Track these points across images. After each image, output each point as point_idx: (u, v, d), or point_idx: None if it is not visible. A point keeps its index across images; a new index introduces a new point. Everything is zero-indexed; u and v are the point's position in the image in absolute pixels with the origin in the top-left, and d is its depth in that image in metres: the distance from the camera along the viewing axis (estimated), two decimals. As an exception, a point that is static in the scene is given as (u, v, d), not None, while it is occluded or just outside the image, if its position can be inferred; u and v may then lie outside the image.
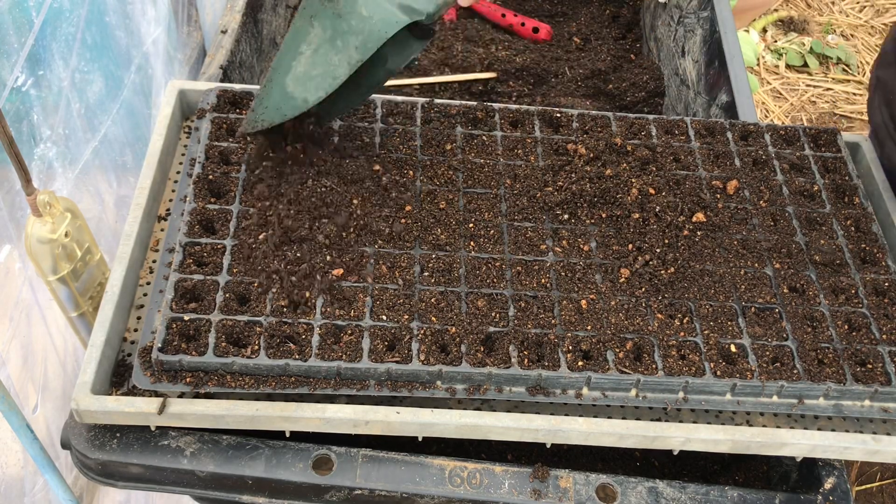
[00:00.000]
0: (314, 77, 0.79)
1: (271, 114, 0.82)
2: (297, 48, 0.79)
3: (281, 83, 0.80)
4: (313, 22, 0.78)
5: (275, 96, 0.80)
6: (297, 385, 0.80)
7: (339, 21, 0.77)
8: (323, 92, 0.80)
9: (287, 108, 0.81)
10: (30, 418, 0.90)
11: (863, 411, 0.86)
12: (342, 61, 0.78)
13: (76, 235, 0.89)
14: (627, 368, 0.83)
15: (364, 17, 0.76)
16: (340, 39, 0.77)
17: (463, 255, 0.90)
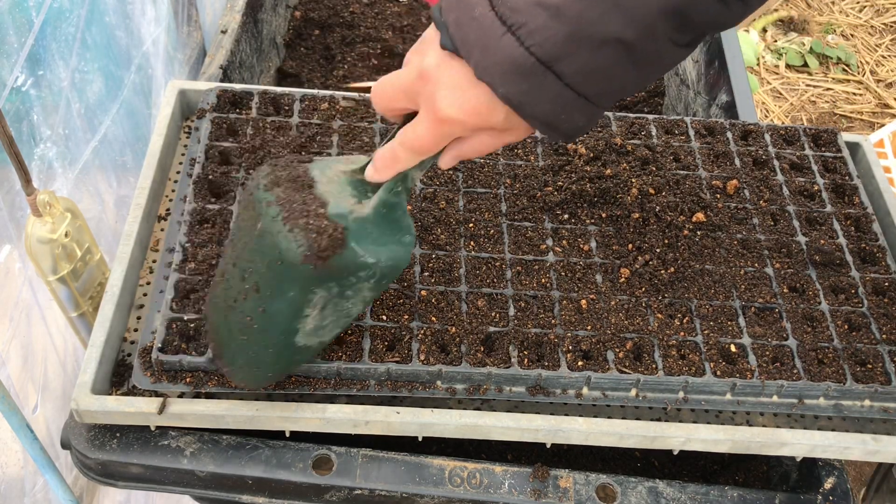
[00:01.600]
0: (326, 325, 0.73)
1: (286, 367, 0.78)
2: (299, 314, 0.70)
3: (289, 345, 0.72)
4: (314, 290, 0.68)
5: (285, 356, 0.74)
6: (297, 385, 0.80)
7: (346, 279, 0.69)
8: (339, 330, 0.75)
9: (304, 357, 0.77)
10: (30, 418, 0.90)
11: (863, 411, 0.86)
12: (356, 304, 0.72)
13: (76, 235, 0.89)
14: (627, 368, 0.83)
15: (371, 264, 0.68)
16: (351, 290, 0.70)
17: (463, 255, 0.90)
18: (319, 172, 0.70)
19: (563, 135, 0.65)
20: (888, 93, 2.82)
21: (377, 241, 0.69)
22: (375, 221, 0.69)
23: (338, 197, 0.69)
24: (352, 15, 1.56)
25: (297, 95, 1.03)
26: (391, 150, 0.69)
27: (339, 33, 1.54)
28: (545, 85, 0.60)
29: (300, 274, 0.66)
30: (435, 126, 0.65)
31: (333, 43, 1.54)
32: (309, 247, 0.65)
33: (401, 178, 0.70)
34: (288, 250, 0.65)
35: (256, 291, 0.69)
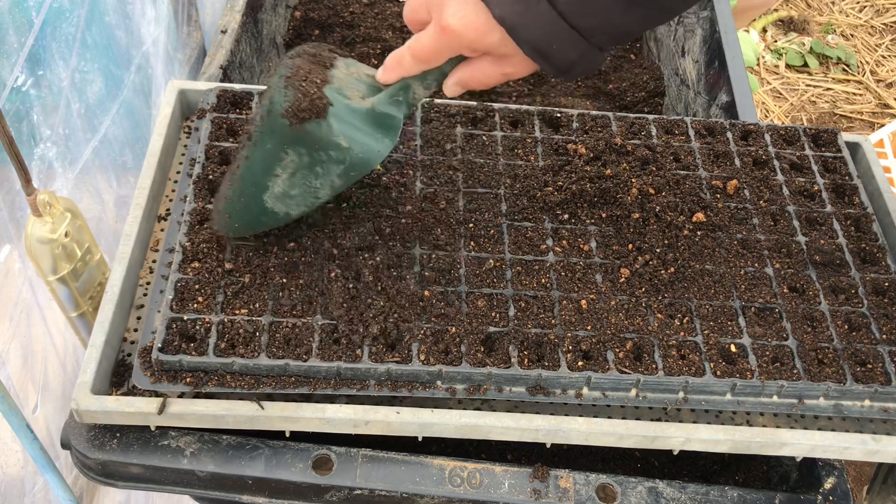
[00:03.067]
0: (294, 196, 0.79)
1: (251, 224, 0.83)
2: (270, 170, 0.77)
3: (258, 198, 0.79)
4: (287, 150, 0.76)
5: (253, 209, 0.80)
6: (298, 385, 0.80)
7: (316, 151, 0.75)
8: (305, 208, 0.81)
9: (269, 220, 0.82)
10: (30, 418, 0.90)
11: (863, 411, 0.86)
12: (324, 185, 0.78)
13: (76, 235, 0.89)
14: (627, 368, 0.83)
15: (343, 148, 0.75)
16: (320, 167, 0.77)
17: (463, 255, 0.90)
18: (344, 64, 0.79)
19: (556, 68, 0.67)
20: (888, 93, 2.82)
21: (358, 131, 0.75)
22: (365, 116, 0.76)
23: (345, 84, 0.76)
24: (352, 15, 1.56)
25: (297, 95, 1.03)
26: (399, 54, 0.74)
27: (339, 33, 1.54)
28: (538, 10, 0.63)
29: (278, 127, 0.74)
30: (437, 35, 0.69)
31: (333, 43, 1.54)
32: (292, 103, 0.73)
33: (403, 87, 0.76)
34: (275, 102, 0.74)
35: (248, 139, 0.78)
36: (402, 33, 1.54)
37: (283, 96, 0.73)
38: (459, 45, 0.69)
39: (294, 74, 0.75)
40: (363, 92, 0.78)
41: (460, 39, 0.68)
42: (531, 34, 0.65)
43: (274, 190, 0.78)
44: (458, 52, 0.71)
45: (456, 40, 0.69)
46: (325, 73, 0.76)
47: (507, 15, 0.64)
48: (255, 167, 0.77)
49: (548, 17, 0.63)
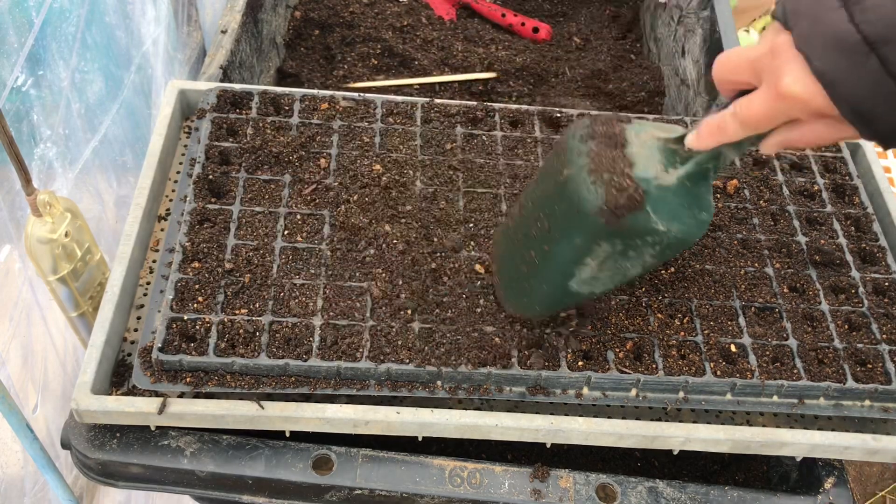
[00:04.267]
0: (601, 279, 0.76)
1: (553, 306, 0.83)
2: (579, 261, 0.74)
3: (563, 286, 0.77)
4: (600, 242, 0.72)
5: (557, 295, 0.79)
6: (298, 385, 0.80)
7: (632, 239, 0.72)
8: (612, 285, 0.78)
9: (571, 301, 0.82)
10: (30, 418, 0.90)
11: (863, 411, 0.86)
12: (636, 265, 0.75)
13: (76, 235, 0.89)
14: (627, 368, 0.83)
15: (661, 232, 0.70)
16: (633, 251, 0.73)
17: (463, 255, 0.90)
18: (634, 134, 0.73)
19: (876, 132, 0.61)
20: (888, 93, 2.81)
21: (673, 211, 0.70)
22: (676, 192, 0.70)
23: (646, 161, 0.71)
24: (352, 15, 1.56)
25: (297, 95, 1.03)
26: (721, 119, 0.68)
27: (339, 33, 1.54)
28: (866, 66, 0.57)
29: (591, 225, 0.70)
30: (773, 101, 0.63)
31: (333, 43, 1.53)
32: (607, 202, 0.68)
33: (715, 155, 0.70)
34: (586, 200, 0.69)
35: (547, 231, 0.75)
36: (402, 33, 1.54)
37: (591, 193, 0.69)
38: (798, 111, 0.63)
39: (597, 166, 0.69)
40: (661, 160, 0.71)
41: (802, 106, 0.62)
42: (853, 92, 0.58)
43: (581, 276, 0.75)
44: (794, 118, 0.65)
45: (795, 106, 0.62)
46: (625, 156, 0.70)
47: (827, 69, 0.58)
48: (561, 259, 0.75)
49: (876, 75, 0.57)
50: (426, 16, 1.60)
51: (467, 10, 1.70)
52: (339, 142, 0.99)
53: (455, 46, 1.54)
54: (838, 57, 0.58)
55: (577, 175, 0.70)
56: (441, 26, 1.59)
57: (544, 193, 0.76)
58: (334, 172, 0.95)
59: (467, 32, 1.60)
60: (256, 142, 0.96)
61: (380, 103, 1.04)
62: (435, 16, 1.61)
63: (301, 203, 0.92)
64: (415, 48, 1.52)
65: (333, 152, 0.97)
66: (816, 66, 0.59)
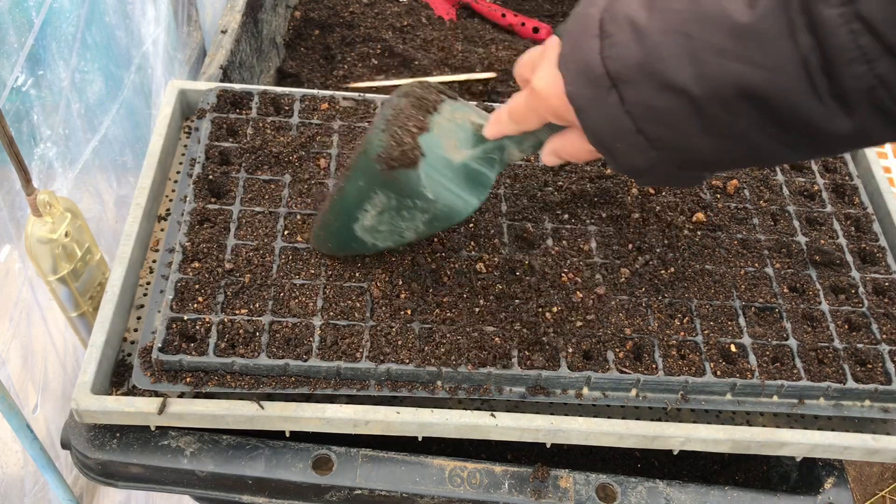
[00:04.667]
0: (382, 231, 0.81)
1: (342, 247, 0.86)
2: (360, 205, 0.79)
3: (349, 227, 0.82)
4: (376, 190, 0.77)
5: (344, 235, 0.83)
6: (298, 385, 0.80)
7: (403, 198, 0.76)
8: (391, 243, 0.83)
9: (358, 247, 0.85)
10: (30, 418, 0.90)
11: (863, 411, 0.86)
12: (409, 228, 0.79)
13: (76, 235, 0.89)
14: (627, 368, 0.83)
15: (429, 200, 0.75)
16: (406, 211, 0.77)
17: (463, 255, 0.90)
18: (450, 109, 0.78)
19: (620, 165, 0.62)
20: (888, 93, 2.82)
21: (446, 185, 0.75)
22: (456, 170, 0.75)
23: (445, 133, 0.76)
24: (352, 15, 1.56)
25: (297, 95, 1.03)
26: (500, 110, 0.73)
27: (339, 33, 1.54)
28: (607, 101, 0.58)
29: (370, 169, 0.75)
30: (528, 96, 0.67)
31: (333, 43, 1.53)
32: (385, 150, 0.73)
33: (499, 146, 0.76)
34: (370, 144, 0.75)
35: (346, 170, 0.80)
36: (402, 33, 1.54)
37: (379, 140, 0.74)
38: (546, 109, 0.66)
39: (395, 118, 0.74)
40: (462, 141, 0.76)
41: (545, 104, 0.65)
42: (597, 124, 0.60)
43: (363, 223, 0.80)
44: (547, 119, 0.67)
45: (542, 104, 0.65)
46: (425, 120, 0.75)
47: (576, 95, 0.60)
48: (348, 199, 0.80)
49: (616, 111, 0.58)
50: (426, 16, 1.60)
51: (467, 10, 1.70)
52: (340, 142, 0.99)
53: (455, 46, 1.54)
54: (586, 86, 0.59)
55: (376, 122, 0.76)
56: (441, 26, 1.59)
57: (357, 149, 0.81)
58: (335, 172, 0.95)
59: (467, 32, 1.60)
60: (256, 142, 0.96)
61: (380, 103, 1.04)
62: (435, 16, 1.61)
63: (304, 204, 0.92)
64: (415, 48, 1.52)
65: (333, 152, 0.97)
66: (568, 90, 0.61)
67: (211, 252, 0.86)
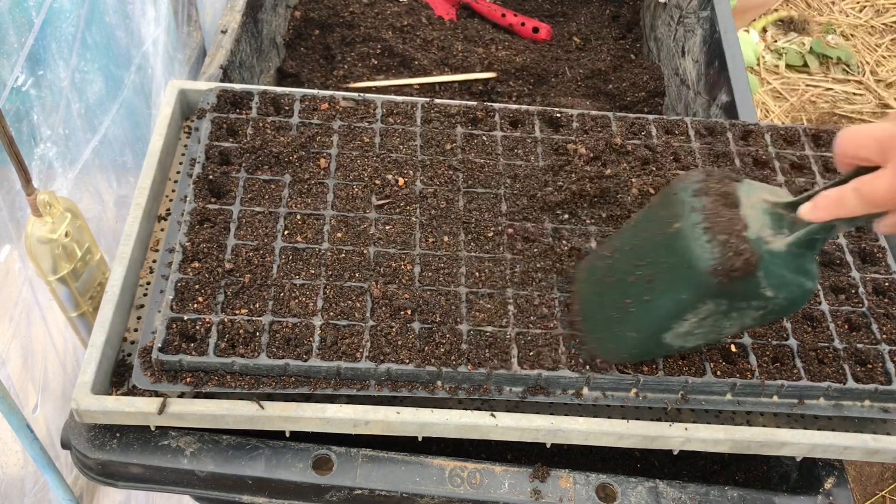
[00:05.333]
0: (696, 334, 0.76)
1: (641, 356, 0.82)
2: (680, 316, 0.74)
3: (656, 337, 0.77)
4: (706, 300, 0.71)
5: (648, 345, 0.79)
6: (298, 385, 0.80)
7: (738, 301, 0.71)
8: (704, 342, 0.79)
9: (659, 352, 0.82)
10: (30, 418, 0.90)
11: (863, 411, 0.86)
12: (734, 326, 0.75)
13: (76, 235, 0.89)
14: (627, 368, 0.83)
15: (769, 298, 0.71)
16: (737, 312, 0.73)
17: (463, 255, 0.90)
18: (744, 195, 0.73)
19: None
20: (888, 93, 2.82)
21: (781, 277, 0.70)
22: (785, 259, 0.70)
23: (757, 223, 0.71)
24: (352, 15, 1.56)
25: (297, 95, 1.03)
26: (840, 194, 0.67)
27: (339, 33, 1.54)
28: None
29: (700, 282, 0.70)
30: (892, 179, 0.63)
31: (333, 43, 1.53)
32: (721, 262, 0.68)
33: (828, 227, 0.69)
34: (699, 258, 0.69)
35: (648, 282, 0.74)
36: (402, 33, 1.54)
37: (705, 251, 0.69)
38: None
39: (712, 225, 0.70)
40: (769, 224, 0.71)
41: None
42: None
43: (678, 331, 0.75)
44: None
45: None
46: (740, 217, 0.70)
47: None
48: (662, 312, 0.75)
49: None
50: (426, 16, 1.60)
51: (467, 10, 1.70)
52: (339, 142, 0.99)
53: (455, 46, 1.54)
54: None
55: (690, 231, 0.70)
56: (441, 26, 1.59)
57: (648, 241, 0.75)
58: (335, 173, 0.95)
59: (467, 32, 1.60)
60: (256, 142, 0.96)
61: (380, 103, 1.04)
62: (435, 16, 1.61)
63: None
64: (415, 48, 1.52)
65: (333, 152, 0.97)
66: None
67: (211, 252, 0.86)
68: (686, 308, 0.73)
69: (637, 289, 0.76)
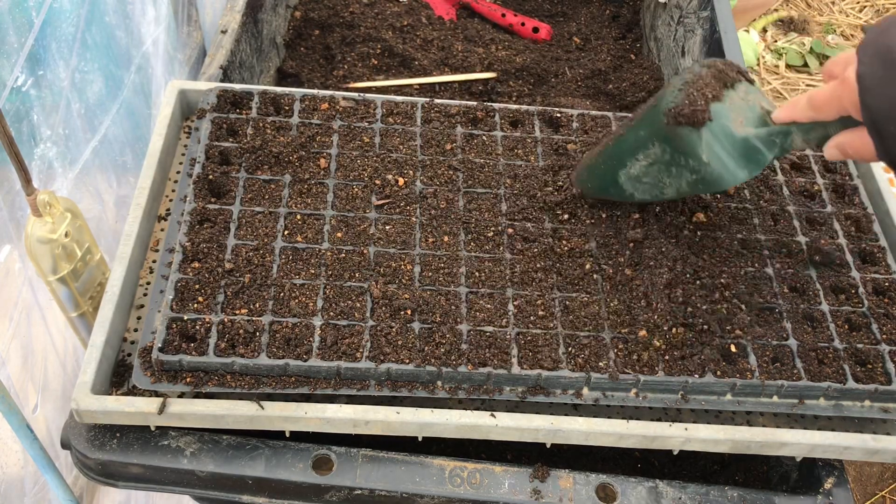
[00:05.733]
0: (644, 183, 0.86)
1: (600, 190, 0.93)
2: (634, 153, 0.85)
3: (614, 172, 0.88)
4: (654, 142, 0.82)
5: (607, 178, 0.90)
6: (298, 385, 0.80)
7: (678, 154, 0.81)
8: (649, 197, 0.87)
9: (615, 193, 0.91)
10: (30, 418, 0.90)
11: (863, 411, 0.86)
12: (671, 185, 0.84)
13: (76, 235, 0.89)
14: (627, 368, 0.83)
15: (702, 161, 0.80)
16: (675, 168, 0.82)
17: (463, 255, 0.90)
18: (744, 90, 0.83)
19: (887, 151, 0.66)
20: (888, 93, 2.82)
21: (721, 154, 0.79)
22: (735, 142, 0.80)
23: (735, 108, 0.81)
24: (352, 15, 1.56)
25: (297, 95, 1.03)
26: (797, 97, 0.76)
27: (339, 33, 1.54)
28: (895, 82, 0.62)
29: (656, 122, 0.81)
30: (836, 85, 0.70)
31: (333, 43, 1.53)
32: (676, 106, 0.79)
33: (784, 131, 0.79)
34: (663, 99, 0.81)
35: (631, 120, 0.87)
36: (402, 33, 1.54)
37: (672, 96, 0.80)
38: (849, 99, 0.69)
39: (693, 82, 0.80)
40: (749, 119, 0.80)
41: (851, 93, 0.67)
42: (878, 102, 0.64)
43: (630, 171, 0.86)
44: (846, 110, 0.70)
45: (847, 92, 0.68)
46: (720, 91, 0.80)
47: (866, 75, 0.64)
48: (623, 146, 0.86)
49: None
50: (426, 16, 1.60)
51: (467, 10, 1.70)
52: (339, 142, 0.99)
53: (455, 46, 1.53)
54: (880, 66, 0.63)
55: (673, 82, 0.82)
56: (441, 26, 1.59)
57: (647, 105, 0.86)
58: (334, 172, 0.95)
59: (467, 32, 1.60)
60: (256, 142, 0.96)
61: (380, 103, 1.04)
62: (435, 16, 1.61)
63: None
64: (415, 48, 1.52)
65: (333, 152, 0.97)
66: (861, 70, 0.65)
67: (211, 252, 0.86)
68: (640, 145, 0.84)
69: (620, 130, 0.88)
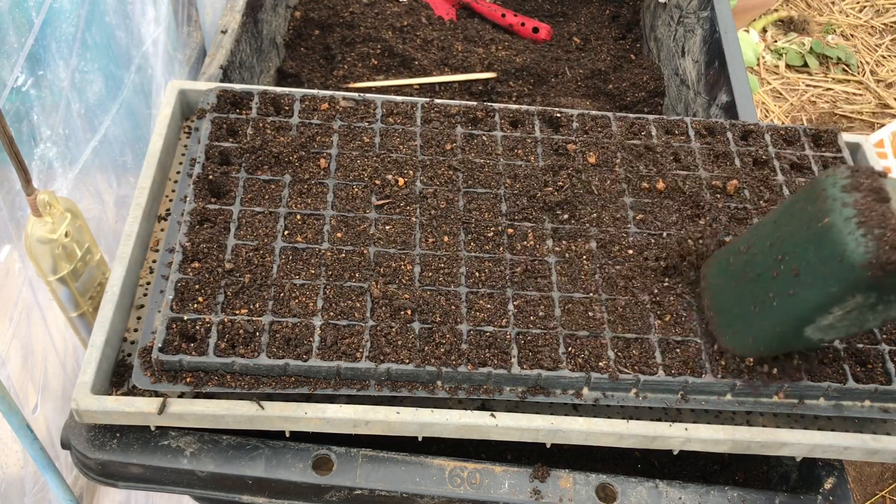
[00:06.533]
0: (838, 327, 0.76)
1: (777, 348, 0.83)
2: (828, 308, 0.74)
3: (797, 330, 0.77)
4: (856, 294, 0.72)
5: (787, 338, 0.79)
6: (298, 385, 0.80)
7: (888, 294, 0.72)
8: (843, 335, 0.78)
9: (798, 346, 0.82)
10: (30, 418, 0.90)
11: (863, 411, 0.86)
12: (877, 318, 0.75)
13: (76, 235, 0.89)
14: (627, 368, 0.83)
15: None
16: (883, 305, 0.73)
17: (463, 255, 0.90)
18: (892, 190, 0.73)
19: None
20: (888, 93, 2.82)
21: None
22: None
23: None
24: (352, 15, 1.56)
25: (297, 95, 1.03)
26: None
27: (339, 33, 1.54)
28: None
29: (852, 276, 0.70)
30: None
31: (333, 43, 1.54)
32: (877, 255, 0.69)
33: None
34: (853, 252, 0.70)
35: (794, 276, 0.75)
36: (402, 33, 1.54)
37: (859, 245, 0.70)
38: None
39: (866, 219, 0.70)
40: None
41: None
42: None
43: (821, 323, 0.76)
44: None
45: None
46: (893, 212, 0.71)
47: None
48: (808, 305, 0.75)
49: None
50: (426, 16, 1.60)
51: (467, 10, 1.70)
52: (339, 142, 0.99)
53: (455, 46, 1.54)
54: None
55: (842, 225, 0.71)
56: (441, 26, 1.59)
57: (793, 236, 0.76)
58: (335, 173, 0.95)
59: (467, 32, 1.60)
60: (256, 142, 0.96)
61: (380, 103, 1.04)
62: (435, 16, 1.61)
63: None
64: (415, 48, 1.52)
65: (333, 152, 0.97)
66: None
67: (211, 252, 0.86)
68: (833, 301, 0.73)
69: (781, 283, 0.76)
